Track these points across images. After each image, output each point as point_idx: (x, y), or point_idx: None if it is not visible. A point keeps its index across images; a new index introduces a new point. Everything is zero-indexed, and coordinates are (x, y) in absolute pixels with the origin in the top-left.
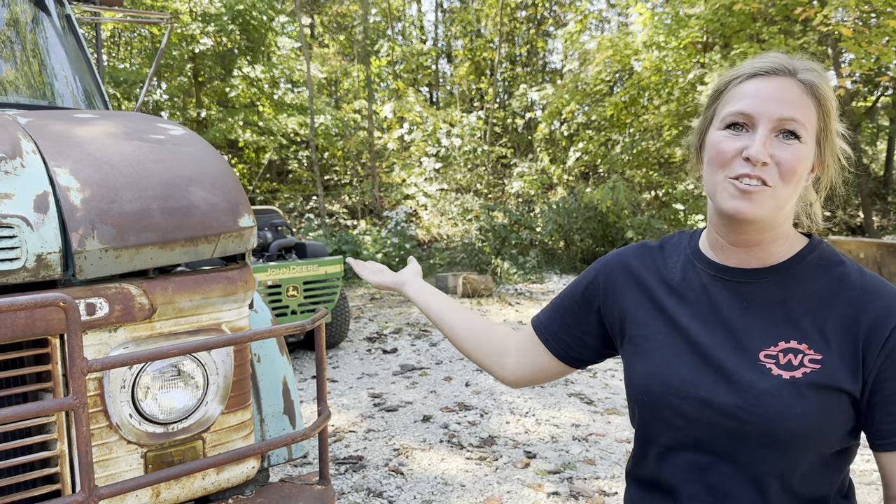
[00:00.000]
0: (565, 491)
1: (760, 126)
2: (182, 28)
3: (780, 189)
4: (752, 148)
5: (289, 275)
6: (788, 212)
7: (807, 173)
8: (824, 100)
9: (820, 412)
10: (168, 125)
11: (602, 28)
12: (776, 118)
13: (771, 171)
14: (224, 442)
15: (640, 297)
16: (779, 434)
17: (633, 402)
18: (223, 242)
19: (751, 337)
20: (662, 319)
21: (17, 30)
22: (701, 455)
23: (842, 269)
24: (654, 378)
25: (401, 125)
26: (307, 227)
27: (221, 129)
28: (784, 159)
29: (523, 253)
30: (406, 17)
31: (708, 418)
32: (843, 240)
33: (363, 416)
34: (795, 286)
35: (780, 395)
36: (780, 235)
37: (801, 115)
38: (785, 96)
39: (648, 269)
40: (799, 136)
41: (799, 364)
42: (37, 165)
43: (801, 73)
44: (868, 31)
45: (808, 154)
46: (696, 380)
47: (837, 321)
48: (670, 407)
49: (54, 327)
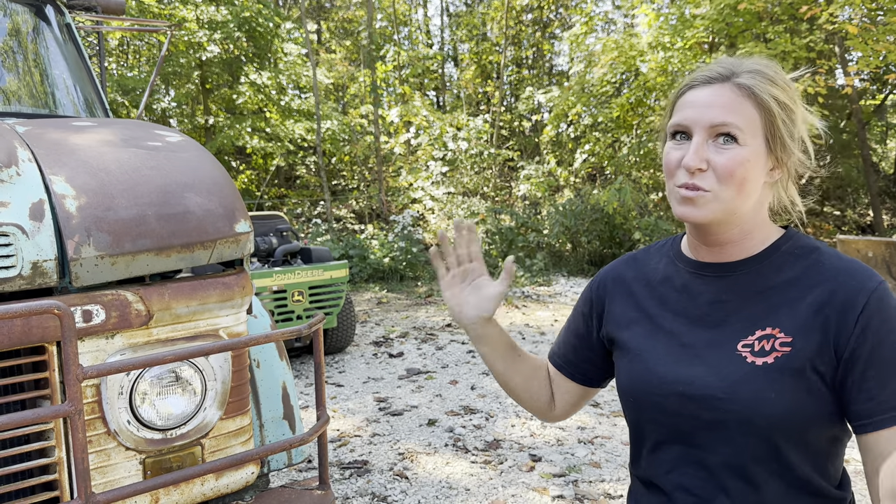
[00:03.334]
0: (570, 494)
1: (695, 134)
2: (189, 36)
3: (721, 192)
4: (686, 157)
5: (294, 280)
6: (750, 210)
7: (755, 174)
8: (764, 101)
9: (794, 395)
10: (165, 132)
11: (608, 30)
12: (708, 125)
13: (708, 176)
14: (223, 447)
15: (627, 303)
16: (757, 420)
17: (623, 404)
18: (220, 248)
19: (729, 329)
20: (646, 322)
21: (17, 39)
22: (688, 449)
23: (817, 256)
24: (636, 379)
25: (407, 129)
26: (315, 231)
27: (229, 135)
28: (719, 163)
29: (530, 255)
30: (412, 22)
31: (689, 412)
32: (852, 239)
33: (368, 420)
34: (772, 275)
35: (754, 381)
36: (748, 231)
37: (736, 118)
38: (716, 102)
39: (636, 276)
40: (737, 139)
41: (771, 349)
42: (33, 173)
43: (739, 77)
44: (875, 28)
45: (748, 156)
46: (675, 376)
47: (811, 304)
48: (652, 404)
49: (50, 334)
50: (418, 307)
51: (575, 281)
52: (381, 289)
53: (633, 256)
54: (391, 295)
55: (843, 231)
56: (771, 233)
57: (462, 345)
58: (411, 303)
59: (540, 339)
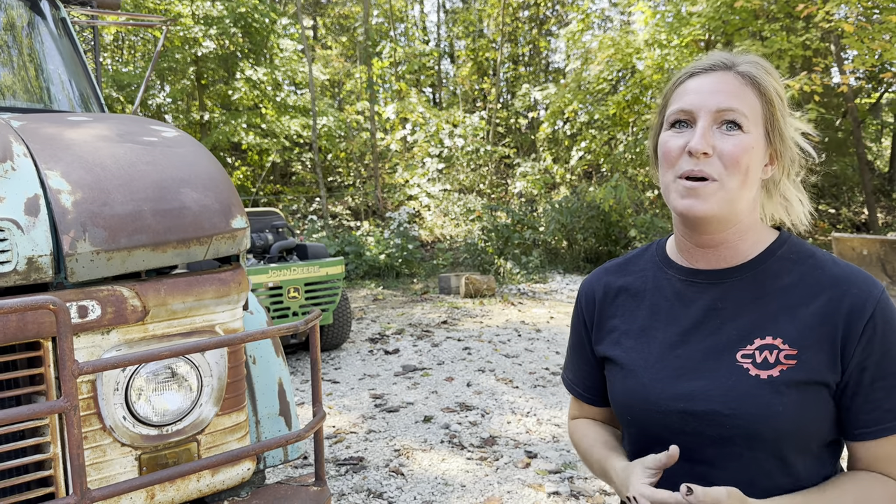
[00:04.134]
0: (566, 491)
1: (700, 119)
2: (185, 31)
3: (727, 181)
4: (692, 140)
5: (290, 276)
6: (747, 207)
7: (756, 165)
8: (766, 90)
9: (801, 408)
10: (161, 127)
11: (604, 27)
12: (714, 110)
13: (714, 163)
14: (219, 444)
15: (616, 315)
16: (765, 434)
17: (620, 419)
18: (216, 244)
19: (727, 338)
20: (636, 334)
21: (12, 33)
22: (694, 465)
23: (813, 262)
24: (631, 395)
25: (403, 126)
26: (310, 228)
27: (225, 131)
28: (725, 149)
29: (526, 253)
30: (408, 19)
31: (692, 428)
32: (847, 237)
33: (364, 416)
34: (768, 282)
35: (760, 395)
36: (743, 231)
37: (741, 105)
38: (722, 88)
39: (622, 285)
40: (741, 126)
41: (775, 361)
42: (28, 168)
43: (741, 66)
44: (871, 27)
45: (752, 143)
46: (674, 391)
47: (813, 313)
48: (653, 422)
49: (46, 330)
50: (414, 304)
51: (571, 278)
52: (376, 285)
53: (617, 265)
54: (387, 292)
55: (837, 229)
56: (764, 235)
57: (458, 342)
58: (407, 300)
59: (535, 336)
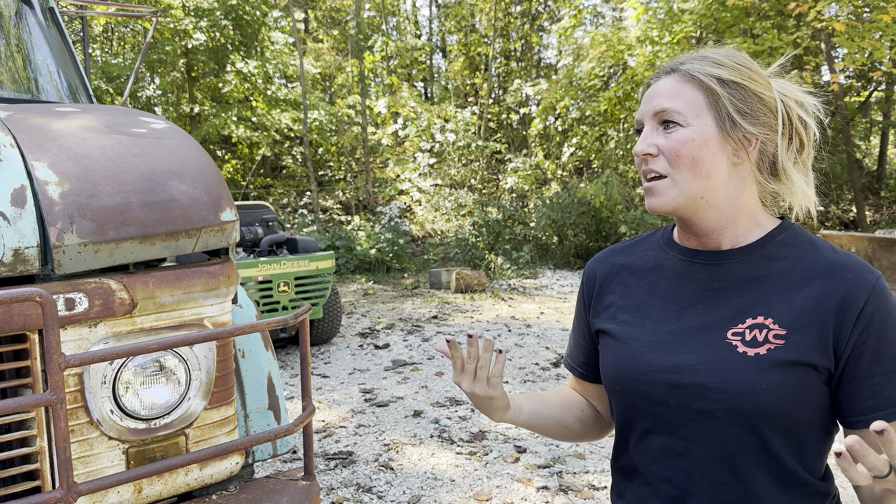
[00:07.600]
0: (555, 485)
1: (645, 125)
2: (175, 23)
3: (676, 175)
4: (636, 145)
5: (280, 270)
6: (722, 194)
7: (709, 155)
8: (703, 81)
9: (785, 387)
10: (150, 118)
11: (596, 23)
12: (652, 114)
13: (660, 161)
14: (207, 437)
15: (616, 292)
16: (746, 410)
17: (609, 393)
18: (204, 237)
19: (720, 316)
20: (633, 310)
21: (0, 23)
22: (674, 439)
23: (812, 248)
24: (620, 367)
25: (395, 120)
26: (301, 222)
27: (215, 124)
28: (664, 146)
29: (517, 248)
30: (400, 12)
31: (676, 401)
32: (836, 234)
33: (354, 411)
34: (765, 265)
35: (744, 371)
36: (729, 220)
37: (674, 103)
38: (659, 92)
39: (625, 263)
40: (679, 123)
41: (764, 340)
42: (14, 159)
43: (684, 66)
44: (861, 26)
45: (691, 135)
46: (662, 364)
47: (807, 297)
48: (640, 393)
49: (32, 322)
50: (405, 299)
51: (561, 274)
52: (367, 280)
53: (624, 246)
54: (377, 286)
55: (826, 226)
56: (764, 223)
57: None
58: (398, 294)
59: (526, 331)
